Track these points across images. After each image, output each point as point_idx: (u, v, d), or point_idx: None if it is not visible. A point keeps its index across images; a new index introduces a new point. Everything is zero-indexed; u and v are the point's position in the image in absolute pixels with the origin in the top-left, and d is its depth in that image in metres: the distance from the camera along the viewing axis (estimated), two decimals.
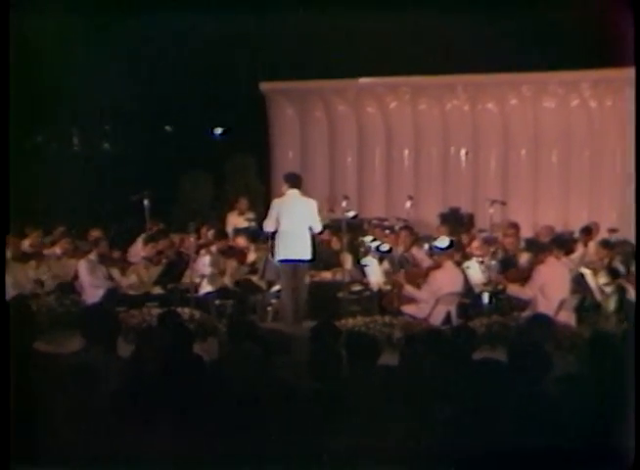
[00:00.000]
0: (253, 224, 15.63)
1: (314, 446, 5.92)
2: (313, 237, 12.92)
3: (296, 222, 12.79)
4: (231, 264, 13.77)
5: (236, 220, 16.18)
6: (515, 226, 14.98)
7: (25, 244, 14.12)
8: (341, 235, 14.37)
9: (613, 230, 14.79)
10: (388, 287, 13.12)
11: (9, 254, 13.64)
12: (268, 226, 13.00)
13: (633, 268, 13.46)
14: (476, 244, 13.86)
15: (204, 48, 16.93)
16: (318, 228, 12.97)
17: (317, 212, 12.94)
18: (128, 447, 5.88)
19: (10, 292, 13.13)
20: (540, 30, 15.94)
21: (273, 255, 12.96)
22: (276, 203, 13.17)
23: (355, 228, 14.86)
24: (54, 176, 17.76)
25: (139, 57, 16.98)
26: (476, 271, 13.02)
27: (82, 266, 13.44)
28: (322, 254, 13.61)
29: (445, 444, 5.81)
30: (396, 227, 15.11)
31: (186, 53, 17.04)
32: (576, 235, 14.28)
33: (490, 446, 5.78)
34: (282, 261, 12.81)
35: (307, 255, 12.80)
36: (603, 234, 14.52)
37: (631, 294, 12.46)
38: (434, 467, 5.76)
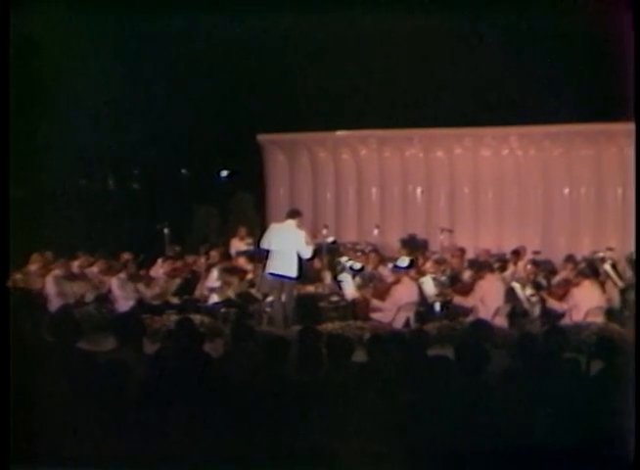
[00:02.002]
0: (252, 248, 15.58)
1: (300, 426, 5.93)
2: (300, 260, 12.87)
3: (285, 246, 12.73)
4: (234, 280, 13.71)
5: (237, 244, 16.11)
6: (460, 249, 15.04)
7: (75, 265, 14.10)
8: (321, 256, 14.37)
9: (536, 252, 14.80)
10: (360, 298, 13.08)
11: (59, 273, 13.67)
12: (264, 244, 13.00)
13: (553, 281, 13.53)
14: (429, 263, 13.84)
15: (212, 107, 17.00)
16: (307, 255, 12.83)
17: (304, 242, 12.81)
18: (144, 444, 5.78)
19: (58, 302, 13.22)
20: (478, 93, 16.11)
21: (267, 269, 12.92)
22: (273, 227, 13.22)
23: (333, 251, 14.79)
24: (93, 211, 17.83)
25: (155, 107, 16.99)
26: (429, 285, 13.00)
27: (115, 282, 13.44)
28: (307, 271, 13.58)
29: (409, 423, 5.82)
30: (366, 250, 15.13)
31: (198, 112, 17.07)
32: (508, 256, 14.28)
33: (443, 422, 5.79)
34: (271, 275, 12.81)
35: (294, 272, 12.77)
36: (529, 255, 14.51)
37: (551, 303, 12.52)
38: (404, 440, 5.74)
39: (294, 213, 13.19)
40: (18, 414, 5.83)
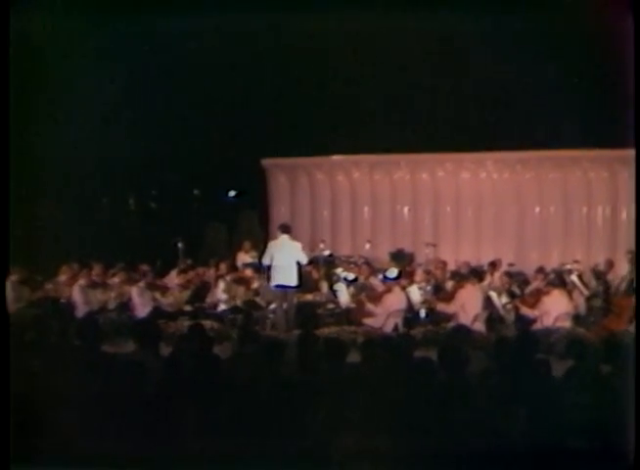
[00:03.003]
0: (256, 260, 15.57)
1: (297, 421, 5.92)
2: (300, 269, 12.88)
3: (285, 258, 12.73)
4: (240, 289, 13.70)
5: (243, 257, 16.03)
6: (443, 262, 14.98)
7: (95, 274, 14.07)
8: (319, 268, 14.40)
9: (511, 264, 14.76)
10: (354, 305, 13.07)
11: (85, 282, 13.64)
12: (265, 261, 13.00)
13: (526, 291, 13.51)
14: (415, 274, 13.83)
15: (222, 134, 17.07)
16: (304, 261, 12.96)
17: (301, 251, 12.90)
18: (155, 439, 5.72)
19: (84, 309, 13.19)
20: (459, 122, 16.18)
21: (269, 282, 12.97)
22: (271, 244, 13.16)
23: (329, 263, 14.81)
24: (116, 227, 17.84)
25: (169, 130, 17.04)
26: (415, 294, 12.99)
27: (134, 291, 13.42)
28: (306, 281, 13.59)
29: (397, 418, 5.82)
30: (359, 262, 15.06)
31: (210, 139, 17.12)
32: (485, 268, 14.24)
33: (427, 416, 5.78)
34: (276, 286, 12.83)
35: (294, 282, 12.78)
36: (504, 267, 14.50)
37: (523, 310, 12.50)
38: (392, 434, 5.74)
39: (286, 228, 13.22)
40: (47, 413, 5.80)
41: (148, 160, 17.20)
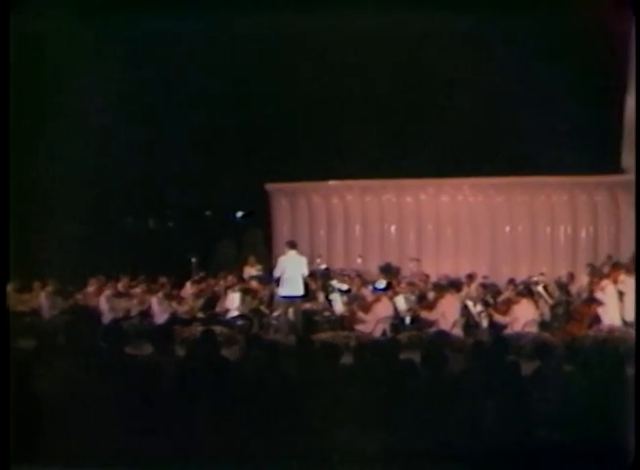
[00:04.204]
0: (261, 273, 15.54)
1: (296, 415, 5.90)
2: (305, 281, 12.91)
3: (293, 271, 12.76)
4: (247, 299, 13.68)
5: (249, 270, 15.96)
6: (425, 275, 14.95)
7: (120, 286, 14.05)
8: (316, 280, 14.35)
9: (485, 277, 14.69)
10: (347, 313, 13.04)
11: (110, 292, 13.62)
12: (277, 273, 12.96)
13: (498, 300, 13.48)
14: (401, 286, 13.81)
15: (231, 163, 17.16)
16: (306, 273, 13.00)
17: (306, 265, 12.99)
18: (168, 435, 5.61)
19: (109, 316, 13.15)
20: (439, 152, 16.27)
21: (278, 292, 12.96)
22: (281, 259, 13.10)
23: (326, 276, 14.71)
24: (138, 243, 17.84)
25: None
26: (401, 303, 12.94)
27: (154, 300, 13.40)
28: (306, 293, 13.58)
29: (385, 411, 5.79)
30: (352, 275, 14.98)
31: (221, 167, 17.20)
32: (463, 280, 14.17)
33: (410, 411, 5.75)
34: (283, 297, 12.82)
35: (301, 292, 12.78)
36: (479, 279, 14.46)
37: (496, 317, 12.48)
38: (381, 425, 5.70)
39: (293, 244, 13.24)
40: (77, 411, 5.74)
41: (166, 185, 17.36)
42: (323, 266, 15.15)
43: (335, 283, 14.01)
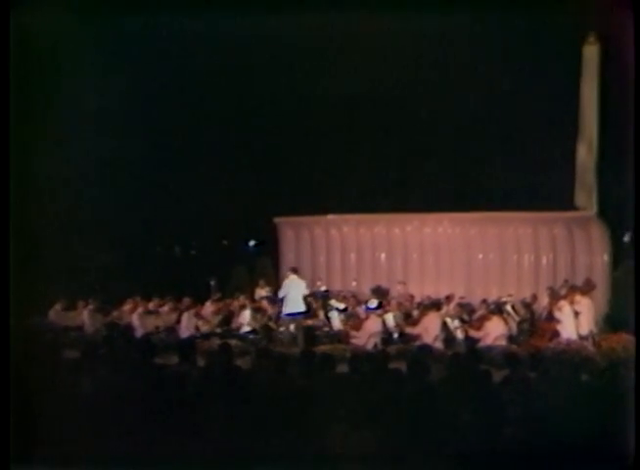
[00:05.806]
0: (270, 294, 15.51)
1: (297, 418, 5.84)
2: (307, 300, 13.06)
3: (295, 293, 12.83)
4: (257, 316, 13.66)
5: (260, 292, 15.93)
6: (411, 296, 14.95)
7: (150, 305, 14.04)
8: (317, 300, 14.33)
9: (462, 297, 14.65)
10: (343, 329, 13.05)
11: (142, 311, 13.61)
12: (281, 294, 13.06)
13: (473, 317, 13.43)
14: (390, 305, 13.78)
15: (244, 200, 17.29)
16: (306, 293, 13.14)
17: (305, 287, 13.13)
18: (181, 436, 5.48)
19: (141, 331, 13.11)
20: (423, 191, 16.37)
21: (283, 310, 13.02)
22: (285, 282, 13.23)
23: (325, 296, 14.72)
24: (163, 268, 17.85)
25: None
26: (390, 320, 12.95)
27: (184, 317, 13.40)
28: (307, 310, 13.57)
29: (375, 414, 5.74)
30: (347, 296, 15.00)
31: (237, 206, 17.31)
32: (443, 300, 14.16)
33: (397, 414, 5.70)
34: (287, 315, 12.83)
35: (302, 308, 12.79)
36: (457, 300, 14.40)
37: (471, 332, 12.44)
38: (372, 425, 5.65)
39: (295, 270, 13.50)
40: (113, 412, 5.67)
41: (189, 219, 17.46)
42: (323, 288, 15.15)
43: (333, 302, 14.02)
